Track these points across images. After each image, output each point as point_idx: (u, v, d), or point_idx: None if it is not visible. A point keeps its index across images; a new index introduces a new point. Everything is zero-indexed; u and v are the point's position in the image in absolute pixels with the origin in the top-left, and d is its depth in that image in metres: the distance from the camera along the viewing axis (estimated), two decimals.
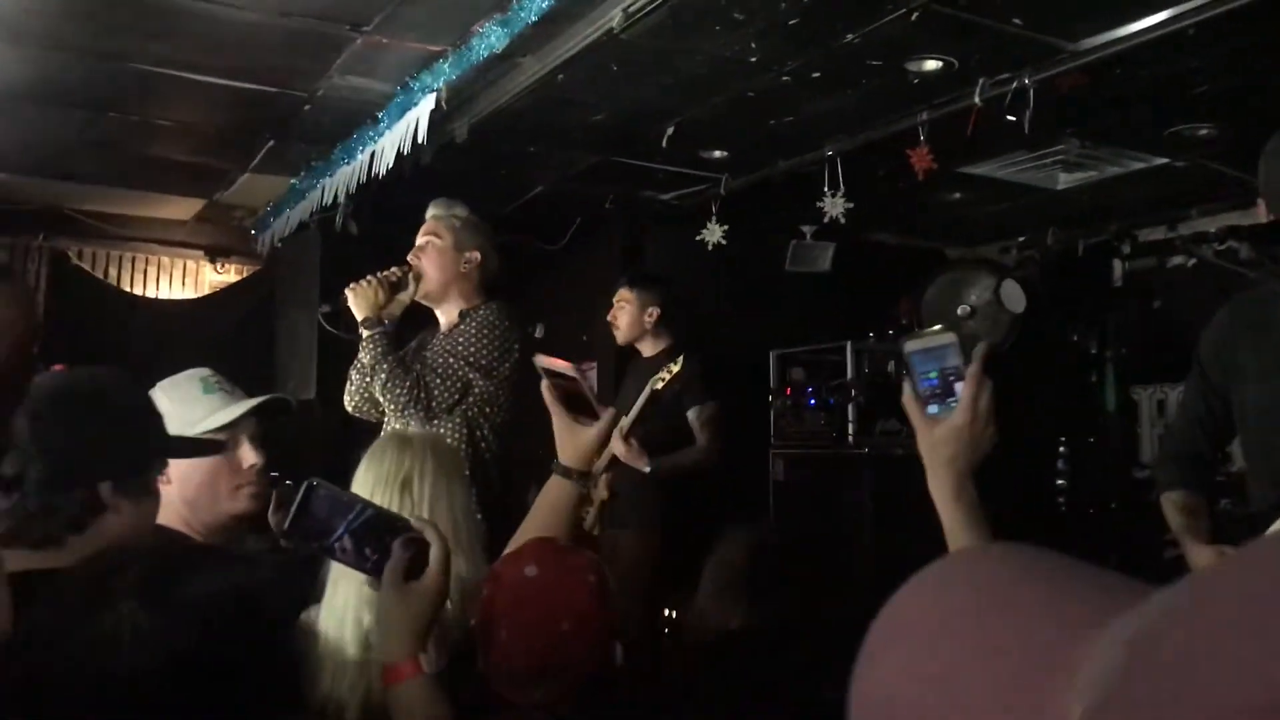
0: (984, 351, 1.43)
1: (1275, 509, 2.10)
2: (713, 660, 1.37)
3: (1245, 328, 2.30)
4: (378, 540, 1.65)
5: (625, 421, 4.18)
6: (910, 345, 1.47)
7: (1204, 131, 4.03)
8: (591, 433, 1.99)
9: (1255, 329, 2.26)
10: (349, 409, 3.40)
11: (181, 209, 5.91)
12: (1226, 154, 4.28)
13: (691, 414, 4.40)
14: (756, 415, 5.39)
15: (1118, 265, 5.66)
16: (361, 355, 3.20)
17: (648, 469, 4.19)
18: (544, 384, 2.01)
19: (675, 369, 4.19)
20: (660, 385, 4.20)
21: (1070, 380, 5.74)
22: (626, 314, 4.57)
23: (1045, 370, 5.71)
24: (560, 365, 2.01)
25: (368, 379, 3.18)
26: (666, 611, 4.63)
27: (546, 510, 1.97)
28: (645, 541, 4.26)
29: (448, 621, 1.89)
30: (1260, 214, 2.09)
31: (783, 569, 1.49)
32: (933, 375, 1.46)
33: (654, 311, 4.54)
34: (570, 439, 1.99)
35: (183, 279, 6.39)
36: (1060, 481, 5.50)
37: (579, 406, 1.99)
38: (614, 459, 4.24)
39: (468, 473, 2.29)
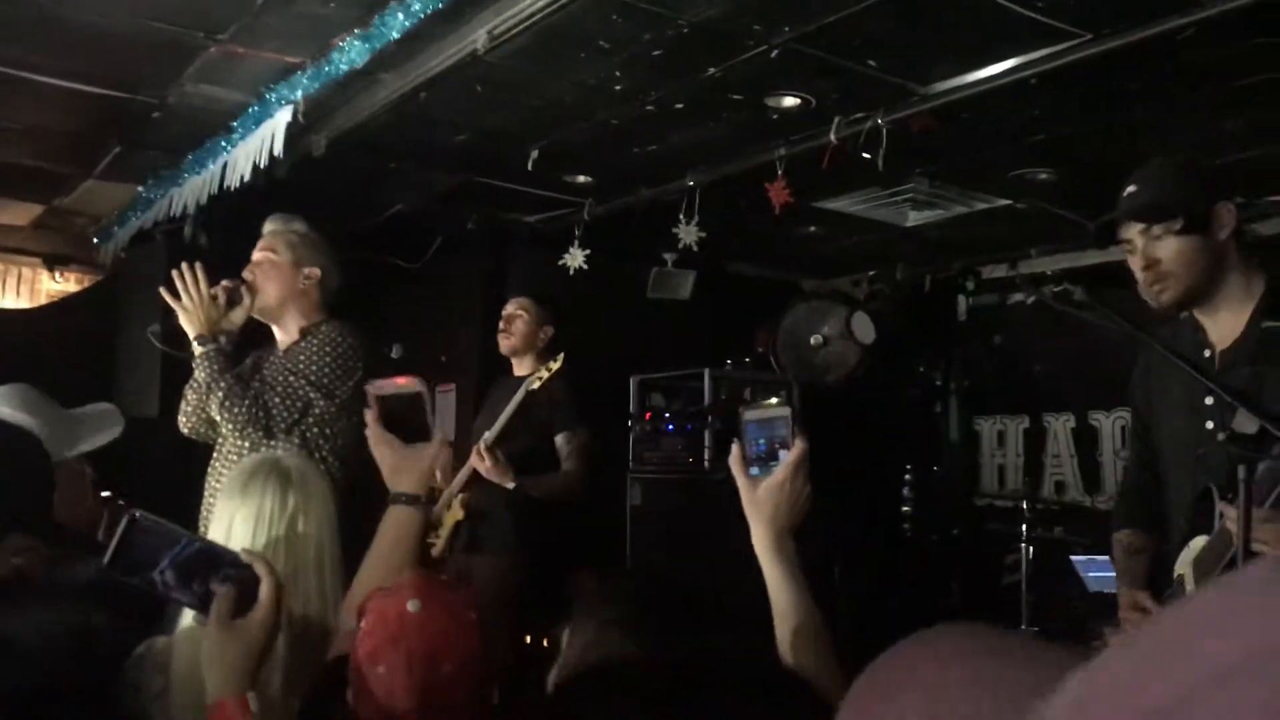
0: (805, 444, 1.61)
1: (1181, 542, 2.20)
2: (590, 698, 1.36)
3: (1158, 363, 2.40)
4: (205, 574, 1.60)
5: (489, 434, 4.06)
6: (749, 414, 1.63)
7: (1043, 176, 4.24)
8: (429, 452, 1.90)
9: (1165, 363, 2.35)
10: (184, 430, 3.27)
11: (18, 214, 5.61)
12: (1063, 197, 4.52)
13: (560, 439, 4.23)
14: (616, 440, 5.41)
15: (962, 301, 5.90)
16: (196, 373, 3.08)
17: (511, 485, 4.00)
18: (369, 412, 1.91)
19: (555, 366, 4.07)
20: (537, 385, 4.06)
21: (916, 411, 5.94)
22: (522, 324, 4.40)
23: (892, 400, 5.90)
24: (401, 383, 1.93)
25: (204, 398, 3.07)
26: (528, 639, 4.55)
27: (391, 542, 1.87)
28: (505, 567, 4.06)
29: (302, 661, 1.83)
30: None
31: (663, 612, 1.50)
32: (762, 442, 1.62)
33: (549, 330, 4.42)
34: (405, 462, 1.90)
35: (17, 287, 6.06)
36: (905, 508, 5.68)
37: (410, 429, 1.91)
38: (473, 477, 4.09)
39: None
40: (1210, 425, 2.19)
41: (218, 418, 3.03)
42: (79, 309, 5.90)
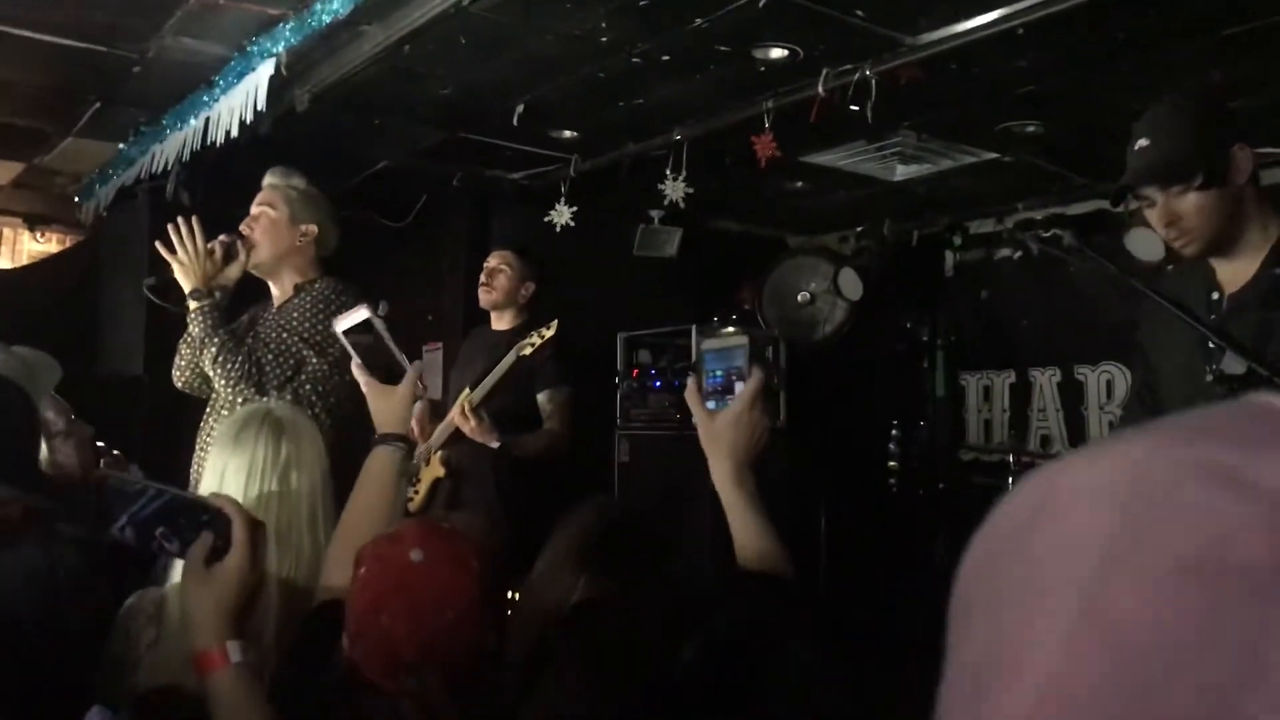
0: (762, 374, 1.58)
1: None
2: (558, 633, 1.36)
3: (1165, 304, 2.38)
4: (172, 526, 1.60)
5: (475, 395, 4.00)
6: (707, 344, 1.60)
7: (1031, 128, 4.22)
8: (401, 390, 1.94)
9: (1172, 305, 2.34)
10: (178, 385, 3.27)
11: None
12: (1051, 150, 4.51)
13: (543, 396, 4.19)
14: (603, 398, 5.42)
15: (949, 256, 5.90)
16: (191, 328, 3.08)
17: (496, 444, 3.96)
18: (353, 363, 1.97)
19: (548, 333, 3.99)
20: (529, 350, 3.99)
21: (902, 366, 5.96)
22: (505, 279, 4.33)
23: (879, 356, 5.91)
24: (356, 314, 1.96)
25: (198, 353, 3.06)
26: (510, 595, 4.53)
27: (372, 483, 1.90)
28: (486, 525, 3.98)
29: (295, 611, 1.83)
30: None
31: (625, 540, 1.49)
32: (719, 374, 1.58)
33: (530, 287, 4.37)
34: (383, 402, 1.94)
35: None
36: (891, 463, 5.70)
37: (385, 368, 1.95)
38: (454, 434, 4.05)
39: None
40: (1212, 367, 2.19)
41: (211, 373, 3.03)
42: (62, 268, 5.86)
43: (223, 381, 3.01)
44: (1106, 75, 3.62)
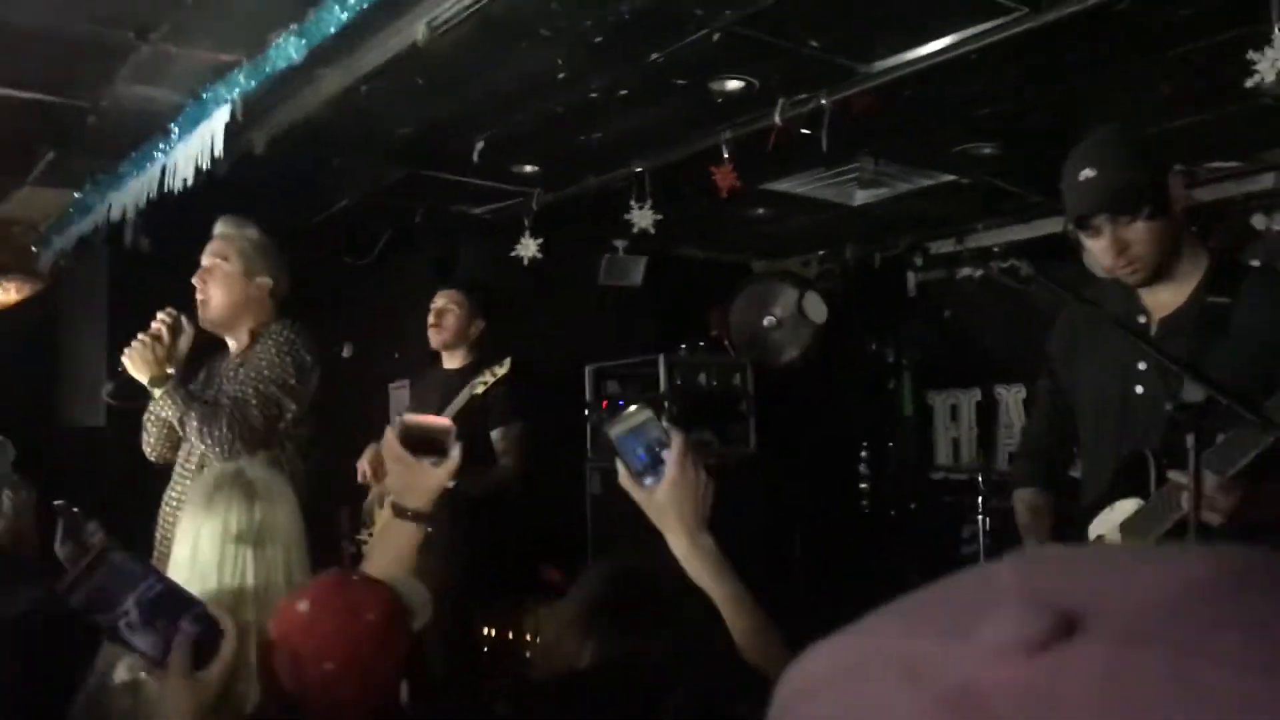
0: (682, 435, 1.59)
1: (1098, 503, 2.23)
2: (558, 697, 1.36)
3: (1084, 325, 2.42)
4: (165, 620, 1.59)
5: None
6: (615, 430, 1.59)
7: (987, 150, 4.26)
8: (442, 472, 1.91)
9: (1093, 326, 2.37)
10: (152, 459, 3.23)
11: None
12: (1007, 171, 4.56)
13: (496, 433, 4.22)
14: (573, 430, 5.41)
15: (911, 277, 5.95)
16: (163, 412, 3.03)
17: (451, 484, 3.96)
18: (390, 429, 1.91)
19: (501, 372, 4.01)
20: (482, 389, 4.01)
21: (869, 387, 5.99)
22: (454, 318, 4.37)
23: (845, 378, 5.94)
24: (434, 421, 1.92)
25: (179, 430, 3.02)
26: (486, 630, 4.52)
27: (389, 554, 1.87)
28: (443, 564, 3.97)
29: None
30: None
31: (633, 606, 1.49)
32: (640, 452, 1.57)
33: (480, 324, 4.40)
34: (416, 479, 1.90)
35: None
36: (862, 484, 5.73)
37: (427, 448, 1.91)
38: None
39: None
40: (1140, 390, 2.22)
41: (199, 445, 2.95)
42: (21, 319, 5.78)
43: (214, 449, 2.92)
44: (1060, 95, 3.67)
